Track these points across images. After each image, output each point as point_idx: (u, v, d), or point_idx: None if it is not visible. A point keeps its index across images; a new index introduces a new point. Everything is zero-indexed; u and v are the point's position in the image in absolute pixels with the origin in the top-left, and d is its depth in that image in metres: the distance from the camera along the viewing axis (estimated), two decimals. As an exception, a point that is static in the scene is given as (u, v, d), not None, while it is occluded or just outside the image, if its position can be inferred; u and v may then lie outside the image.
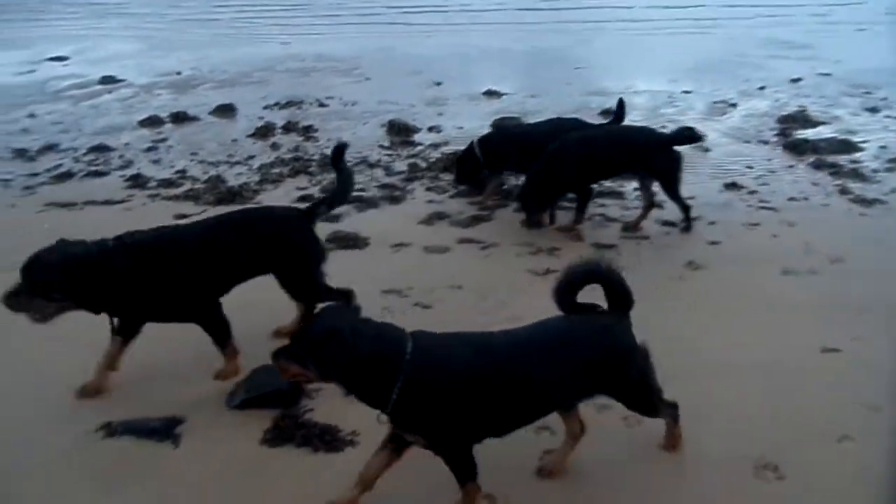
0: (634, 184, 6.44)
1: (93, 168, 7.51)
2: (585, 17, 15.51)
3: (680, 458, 2.93)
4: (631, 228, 5.40)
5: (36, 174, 7.38)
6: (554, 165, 5.18)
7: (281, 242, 3.55)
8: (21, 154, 8.11)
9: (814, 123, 7.94)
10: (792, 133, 7.53)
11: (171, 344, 3.73)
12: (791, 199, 5.97)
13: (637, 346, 2.80)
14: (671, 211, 5.70)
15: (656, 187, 5.40)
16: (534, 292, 4.40)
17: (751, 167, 6.78)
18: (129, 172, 7.24)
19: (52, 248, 3.06)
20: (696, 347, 3.73)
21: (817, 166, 6.64)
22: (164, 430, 3.00)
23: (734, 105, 9.05)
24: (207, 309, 3.37)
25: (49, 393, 3.30)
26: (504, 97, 9.82)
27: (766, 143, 7.53)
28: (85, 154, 7.97)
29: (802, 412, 3.17)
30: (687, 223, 5.38)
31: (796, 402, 3.26)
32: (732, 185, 6.35)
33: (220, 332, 3.37)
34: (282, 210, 3.75)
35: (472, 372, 2.44)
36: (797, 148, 7.03)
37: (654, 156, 5.24)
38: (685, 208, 5.37)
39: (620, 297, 2.80)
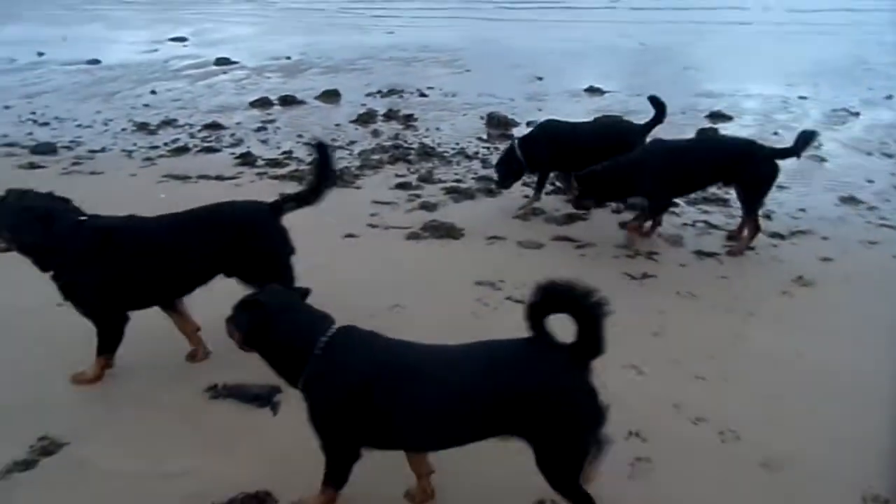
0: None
1: (206, 144, 7.93)
2: (698, 17, 14.95)
3: (778, 478, 2.79)
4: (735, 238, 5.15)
5: (156, 147, 7.86)
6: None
7: (248, 236, 3.43)
8: (143, 127, 8.67)
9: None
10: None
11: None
12: (916, 217, 5.56)
13: (582, 403, 2.29)
14: (780, 222, 5.44)
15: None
16: (627, 296, 4.31)
17: (871, 181, 6.35)
18: (238, 150, 7.59)
19: (22, 194, 3.13)
20: (802, 367, 3.54)
21: (949, 183, 6.15)
22: (266, 396, 3.14)
23: (856, 114, 8.51)
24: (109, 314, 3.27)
25: (164, 359, 3.52)
26: (606, 95, 9.64)
27: (889, 156, 7.03)
28: (200, 130, 8.44)
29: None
30: (748, 242, 4.95)
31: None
32: (850, 199, 5.98)
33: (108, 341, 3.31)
34: (249, 204, 3.58)
35: (364, 378, 2.28)
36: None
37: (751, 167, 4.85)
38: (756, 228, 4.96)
39: (588, 336, 2.27)
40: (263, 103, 9.62)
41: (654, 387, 3.36)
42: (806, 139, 4.87)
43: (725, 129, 7.78)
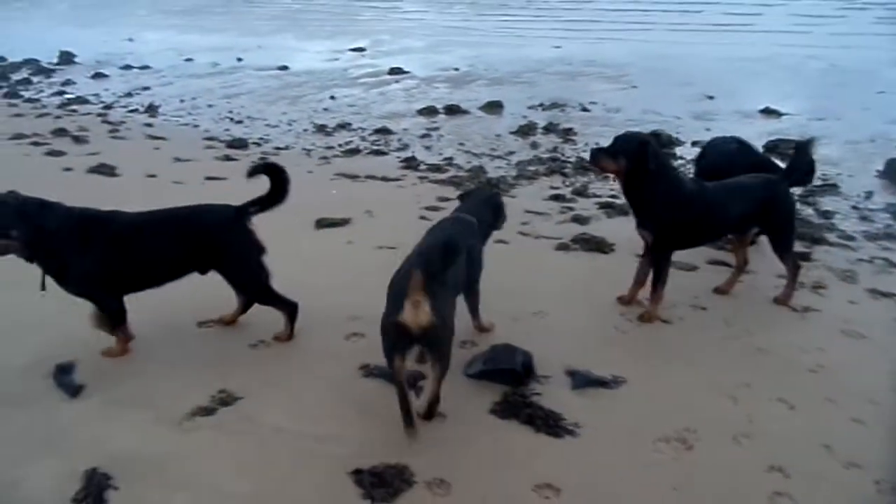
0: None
1: (375, 147, 8.51)
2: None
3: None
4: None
5: (331, 147, 8.58)
6: None
7: (215, 238, 3.64)
8: (321, 129, 9.48)
9: None
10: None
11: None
12: None
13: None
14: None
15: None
16: (785, 328, 4.11)
17: None
18: (404, 154, 8.08)
19: (13, 197, 3.46)
20: None
21: None
22: (411, 381, 3.36)
23: None
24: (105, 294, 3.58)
25: (327, 340, 3.90)
26: (784, 117, 9.08)
27: None
28: (371, 134, 9.08)
29: None
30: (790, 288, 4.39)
31: None
32: None
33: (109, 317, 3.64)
34: (217, 207, 3.73)
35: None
36: None
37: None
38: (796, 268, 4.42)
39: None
40: (430, 111, 10.13)
41: (804, 424, 3.18)
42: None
43: (920, 160, 7.04)
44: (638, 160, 3.91)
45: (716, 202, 4.13)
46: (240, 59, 15.18)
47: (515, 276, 4.72)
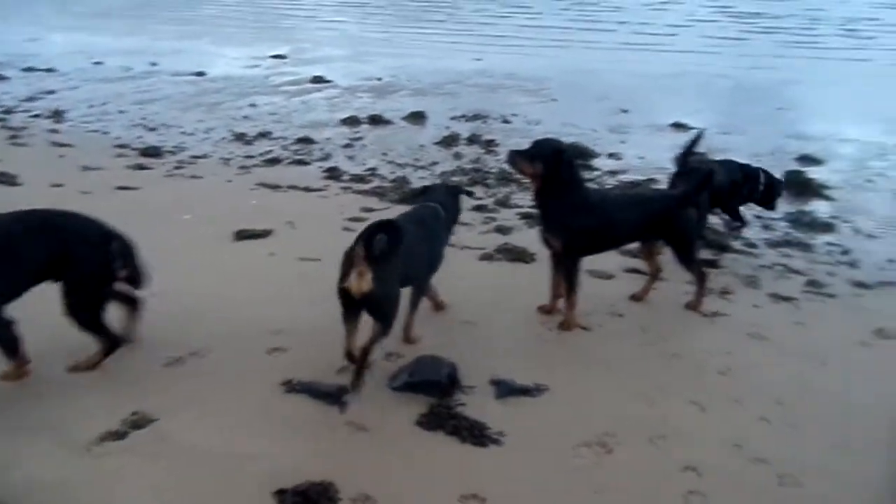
0: (827, 237, 6.04)
1: (297, 157, 8.37)
2: (809, 53, 14.55)
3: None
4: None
5: (251, 156, 8.37)
6: None
7: (69, 245, 3.38)
8: (240, 137, 9.23)
9: None
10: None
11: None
12: None
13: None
14: (867, 271, 5.28)
15: None
16: (696, 332, 4.31)
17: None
18: (327, 165, 7.97)
19: None
20: (876, 421, 3.41)
21: None
22: (335, 395, 3.33)
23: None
24: None
25: (248, 354, 3.79)
26: (692, 131, 9.51)
27: None
28: (292, 144, 8.91)
29: None
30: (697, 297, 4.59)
31: None
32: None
33: None
34: (69, 215, 3.48)
35: None
36: None
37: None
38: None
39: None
40: (353, 121, 10.06)
41: (715, 424, 3.35)
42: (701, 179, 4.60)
43: (814, 173, 7.56)
44: (553, 166, 4.02)
45: (617, 212, 4.30)
46: (154, 64, 14.60)
47: (440, 287, 4.72)
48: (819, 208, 6.73)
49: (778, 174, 7.38)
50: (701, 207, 4.75)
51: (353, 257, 3.27)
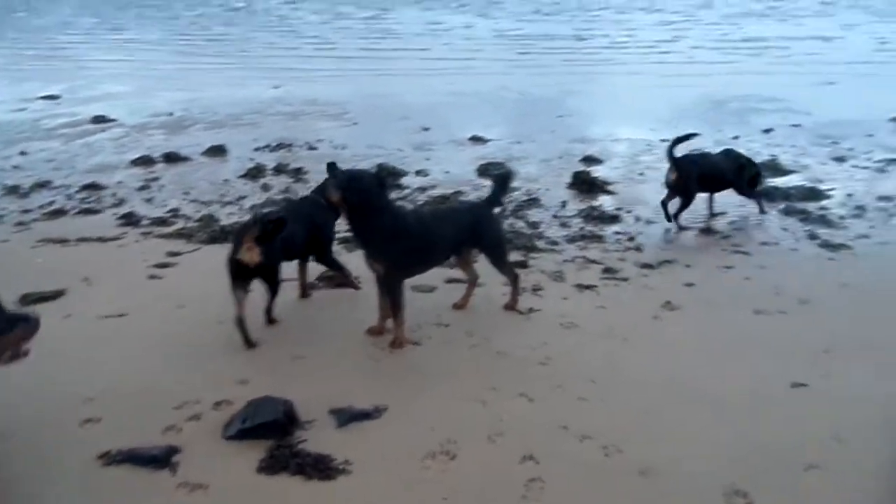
0: (615, 227, 6.75)
1: (85, 206, 7.63)
2: (581, 69, 16.13)
3: (655, 483, 3.07)
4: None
5: (28, 210, 7.48)
6: None
7: None
8: (13, 191, 8.21)
9: (784, 172, 8.34)
10: (763, 181, 7.89)
11: (162, 372, 3.88)
12: (763, 243, 6.27)
13: None
14: (649, 254, 5.98)
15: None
16: (516, 329, 4.61)
17: (724, 213, 7.08)
18: (121, 210, 7.36)
19: None
20: (672, 382, 3.91)
21: (787, 212, 6.98)
22: (163, 458, 3.09)
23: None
24: None
25: (51, 428, 3.39)
26: (490, 143, 10.15)
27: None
28: (77, 192, 8.10)
29: (772, 442, 3.35)
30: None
31: (766, 433, 3.44)
32: (707, 231, 6.67)
33: None
34: None
35: None
36: (768, 195, 7.36)
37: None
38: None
39: None
40: (146, 161, 9.38)
41: (544, 412, 3.61)
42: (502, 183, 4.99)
43: (597, 171, 8.41)
44: (363, 196, 4.10)
45: (433, 229, 4.49)
46: None
47: (256, 323, 4.59)
48: (605, 202, 7.49)
49: (567, 176, 8.20)
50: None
51: (245, 234, 4.09)
